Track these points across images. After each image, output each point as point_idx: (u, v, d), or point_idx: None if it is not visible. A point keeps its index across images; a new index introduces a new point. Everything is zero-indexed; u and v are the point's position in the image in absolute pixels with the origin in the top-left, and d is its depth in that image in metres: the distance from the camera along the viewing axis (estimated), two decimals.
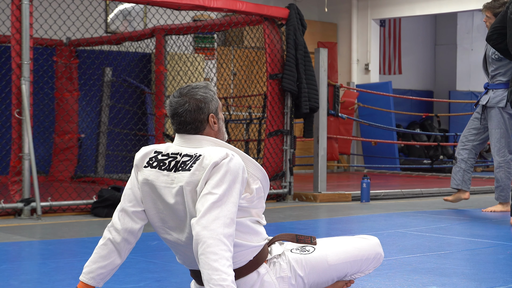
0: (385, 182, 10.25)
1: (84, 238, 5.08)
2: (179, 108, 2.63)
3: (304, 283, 2.76)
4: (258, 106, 10.04)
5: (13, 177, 6.25)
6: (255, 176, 2.64)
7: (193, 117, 2.63)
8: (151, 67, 10.31)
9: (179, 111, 2.63)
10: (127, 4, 10.88)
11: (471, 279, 3.53)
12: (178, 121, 2.64)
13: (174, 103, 2.64)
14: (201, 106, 2.63)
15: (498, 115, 6.63)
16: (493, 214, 6.67)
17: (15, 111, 6.16)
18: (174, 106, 2.64)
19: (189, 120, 2.63)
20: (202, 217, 2.42)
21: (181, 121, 2.63)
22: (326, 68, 8.09)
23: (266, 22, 7.68)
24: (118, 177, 8.90)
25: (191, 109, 2.62)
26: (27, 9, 6.21)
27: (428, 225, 5.83)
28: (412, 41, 16.22)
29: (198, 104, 2.63)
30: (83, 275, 2.71)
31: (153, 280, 3.47)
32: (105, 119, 9.64)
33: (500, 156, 6.66)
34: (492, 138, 6.69)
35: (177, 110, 2.63)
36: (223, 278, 2.34)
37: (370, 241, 2.94)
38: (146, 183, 2.65)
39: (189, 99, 2.63)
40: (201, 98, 2.64)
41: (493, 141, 6.67)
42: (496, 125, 6.65)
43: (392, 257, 4.13)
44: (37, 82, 9.00)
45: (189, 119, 2.63)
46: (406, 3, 13.44)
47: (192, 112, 2.63)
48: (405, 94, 14.68)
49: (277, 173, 7.73)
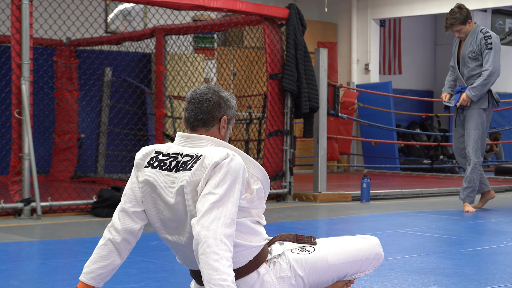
0: (385, 182, 10.25)
1: (84, 238, 5.08)
2: (201, 96, 2.64)
3: (304, 283, 2.76)
4: (258, 106, 10.04)
5: (13, 177, 6.25)
6: (256, 176, 2.64)
7: (209, 109, 2.64)
8: (151, 67, 10.31)
9: (200, 98, 2.64)
10: (127, 4, 10.88)
11: (471, 279, 3.53)
12: (194, 107, 2.65)
13: (198, 90, 2.66)
14: (221, 104, 2.65)
15: (478, 116, 6.65)
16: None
17: (15, 111, 6.16)
18: (197, 92, 2.66)
19: (204, 110, 2.64)
20: (203, 217, 2.42)
21: (197, 108, 2.64)
22: (326, 68, 8.09)
23: (266, 22, 7.68)
24: (118, 177, 8.90)
25: (211, 101, 2.64)
26: (27, 9, 6.21)
27: (428, 225, 5.83)
28: (412, 41, 16.22)
29: (220, 101, 2.65)
30: (83, 275, 2.71)
31: (153, 280, 3.47)
32: (105, 119, 9.64)
33: (476, 157, 6.67)
34: (470, 138, 6.67)
35: (199, 97, 2.65)
36: (223, 278, 2.34)
37: (370, 241, 2.94)
38: (146, 183, 2.65)
39: (214, 92, 2.66)
40: (225, 98, 2.67)
41: (471, 142, 6.67)
42: (475, 126, 6.66)
43: (392, 257, 4.13)
44: (37, 82, 9.00)
45: (205, 109, 2.63)
46: (406, 3, 13.44)
47: (212, 104, 2.64)
48: (405, 94, 14.68)
49: (277, 173, 7.73)
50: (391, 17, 14.28)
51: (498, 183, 10.06)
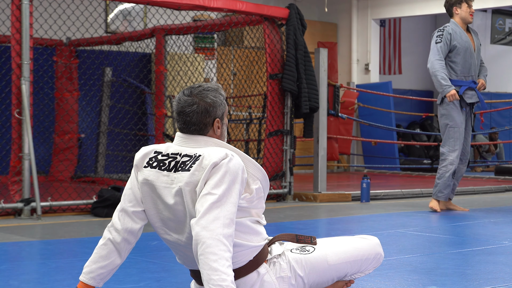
0: (385, 182, 10.25)
1: (84, 238, 5.08)
2: (187, 108, 2.61)
3: (304, 283, 2.76)
4: (258, 106, 10.04)
5: (13, 177, 6.25)
6: (255, 176, 2.64)
7: (199, 119, 2.62)
8: (151, 67, 10.31)
9: (186, 110, 2.61)
10: (127, 4, 10.88)
11: (471, 279, 3.53)
12: (183, 120, 2.63)
13: (183, 101, 2.62)
14: (209, 110, 2.62)
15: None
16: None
17: (15, 111, 6.16)
18: (182, 104, 2.62)
19: (194, 121, 2.62)
20: (202, 218, 2.42)
21: (187, 121, 2.62)
22: (326, 68, 8.09)
23: (266, 22, 7.68)
24: (118, 177, 8.90)
25: (199, 111, 2.61)
26: (27, 9, 6.21)
27: (428, 225, 5.83)
28: (412, 41, 16.22)
29: (207, 108, 2.62)
30: (83, 275, 2.71)
31: (153, 280, 3.47)
32: (105, 119, 9.64)
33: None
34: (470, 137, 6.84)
35: (185, 109, 2.62)
36: (222, 278, 2.34)
37: (370, 241, 2.94)
38: (146, 183, 2.65)
39: (199, 101, 2.61)
40: (211, 102, 2.62)
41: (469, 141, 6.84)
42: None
43: (392, 257, 4.13)
44: (37, 82, 9.00)
45: (195, 120, 2.62)
46: (406, 3, 13.45)
47: (200, 114, 2.61)
48: (405, 94, 14.68)
49: (277, 173, 7.72)
50: (391, 17, 14.28)
51: (498, 183, 10.06)
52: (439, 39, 6.57)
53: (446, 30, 6.61)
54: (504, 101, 13.51)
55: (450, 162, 6.62)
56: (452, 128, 6.59)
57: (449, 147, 6.61)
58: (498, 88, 15.60)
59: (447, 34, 6.56)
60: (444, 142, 6.66)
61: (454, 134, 6.60)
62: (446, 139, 6.64)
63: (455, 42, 6.58)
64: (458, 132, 6.60)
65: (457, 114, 6.58)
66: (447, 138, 6.63)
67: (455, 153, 6.60)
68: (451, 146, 6.61)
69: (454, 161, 6.62)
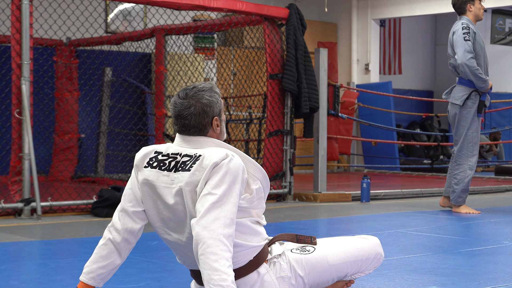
0: (385, 182, 10.25)
1: (84, 238, 5.08)
2: (184, 111, 2.61)
3: (304, 283, 2.76)
4: (258, 106, 10.04)
5: (13, 177, 6.25)
6: (255, 176, 2.64)
7: (197, 121, 2.61)
8: (151, 67, 10.31)
9: (183, 113, 2.61)
10: (127, 4, 10.88)
11: (471, 279, 3.53)
12: (182, 123, 2.62)
13: (179, 105, 2.61)
14: (206, 110, 2.61)
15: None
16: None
17: (15, 111, 6.16)
18: (179, 108, 2.61)
19: (193, 123, 2.61)
20: (202, 218, 2.42)
21: (185, 124, 2.62)
22: (326, 68, 8.09)
23: (266, 22, 7.68)
24: (118, 177, 8.90)
25: (196, 113, 2.60)
26: (27, 9, 6.21)
27: (428, 225, 5.83)
28: (412, 41, 16.22)
29: (204, 108, 2.61)
30: (83, 275, 2.71)
31: (153, 280, 3.47)
32: (105, 119, 9.64)
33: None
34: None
35: (182, 112, 2.61)
36: (223, 278, 2.34)
37: (370, 241, 2.94)
38: (146, 183, 2.65)
39: (195, 103, 2.61)
40: (207, 102, 2.62)
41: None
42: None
43: (392, 257, 4.13)
44: (37, 82, 9.00)
45: (193, 122, 2.61)
46: (406, 3, 13.45)
47: (197, 115, 2.61)
48: (405, 94, 14.68)
49: (277, 173, 7.73)
50: (391, 17, 14.28)
51: (498, 183, 10.06)
52: (467, 36, 6.35)
53: (471, 29, 6.43)
54: (504, 101, 13.52)
55: (469, 167, 6.52)
56: (472, 132, 6.49)
57: (467, 152, 6.51)
58: (498, 88, 15.59)
59: (472, 33, 6.41)
60: (461, 145, 6.53)
61: (473, 139, 6.51)
62: (464, 143, 6.52)
63: (476, 43, 6.44)
64: (477, 137, 6.53)
65: (477, 118, 6.52)
66: (466, 142, 6.51)
67: (474, 158, 6.52)
68: (470, 151, 6.51)
69: (473, 166, 6.53)
